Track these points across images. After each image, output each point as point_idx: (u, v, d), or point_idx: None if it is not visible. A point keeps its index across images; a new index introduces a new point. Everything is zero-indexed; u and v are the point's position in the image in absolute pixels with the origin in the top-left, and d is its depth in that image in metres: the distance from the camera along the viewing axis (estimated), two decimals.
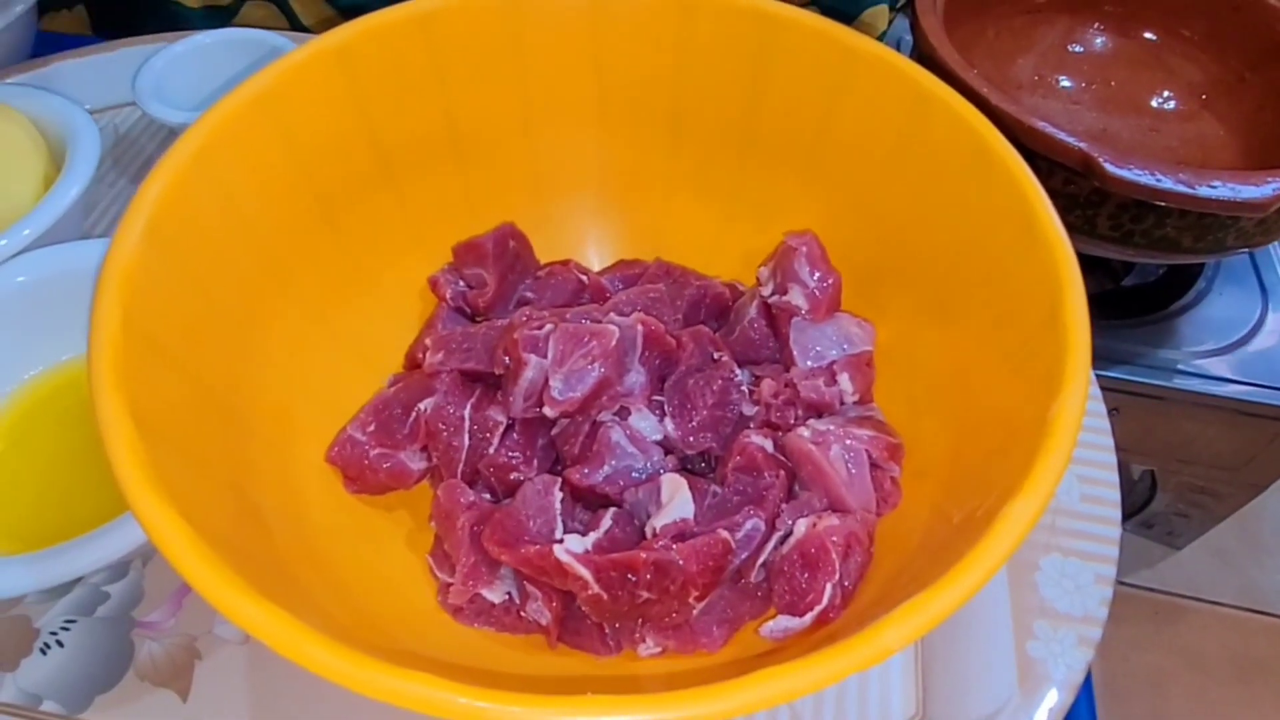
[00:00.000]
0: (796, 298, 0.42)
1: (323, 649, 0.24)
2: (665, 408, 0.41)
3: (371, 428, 0.40)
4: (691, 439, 0.40)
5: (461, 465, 0.40)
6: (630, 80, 0.45)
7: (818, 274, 0.42)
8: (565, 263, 0.48)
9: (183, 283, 0.34)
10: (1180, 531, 1.06)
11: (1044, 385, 0.32)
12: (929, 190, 0.41)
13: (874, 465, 0.39)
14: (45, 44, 0.68)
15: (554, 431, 0.41)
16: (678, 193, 0.49)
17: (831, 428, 0.39)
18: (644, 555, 0.33)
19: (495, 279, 0.45)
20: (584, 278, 0.47)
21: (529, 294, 0.46)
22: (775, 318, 0.44)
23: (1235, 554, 1.32)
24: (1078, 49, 0.80)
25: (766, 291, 0.44)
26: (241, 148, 0.37)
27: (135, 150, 0.60)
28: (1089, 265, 0.78)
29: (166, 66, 0.57)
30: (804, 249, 0.43)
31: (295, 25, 0.78)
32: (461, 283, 0.46)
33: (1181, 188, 0.56)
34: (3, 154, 0.47)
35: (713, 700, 0.24)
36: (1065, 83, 0.80)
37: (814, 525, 0.36)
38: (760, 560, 0.36)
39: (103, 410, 0.28)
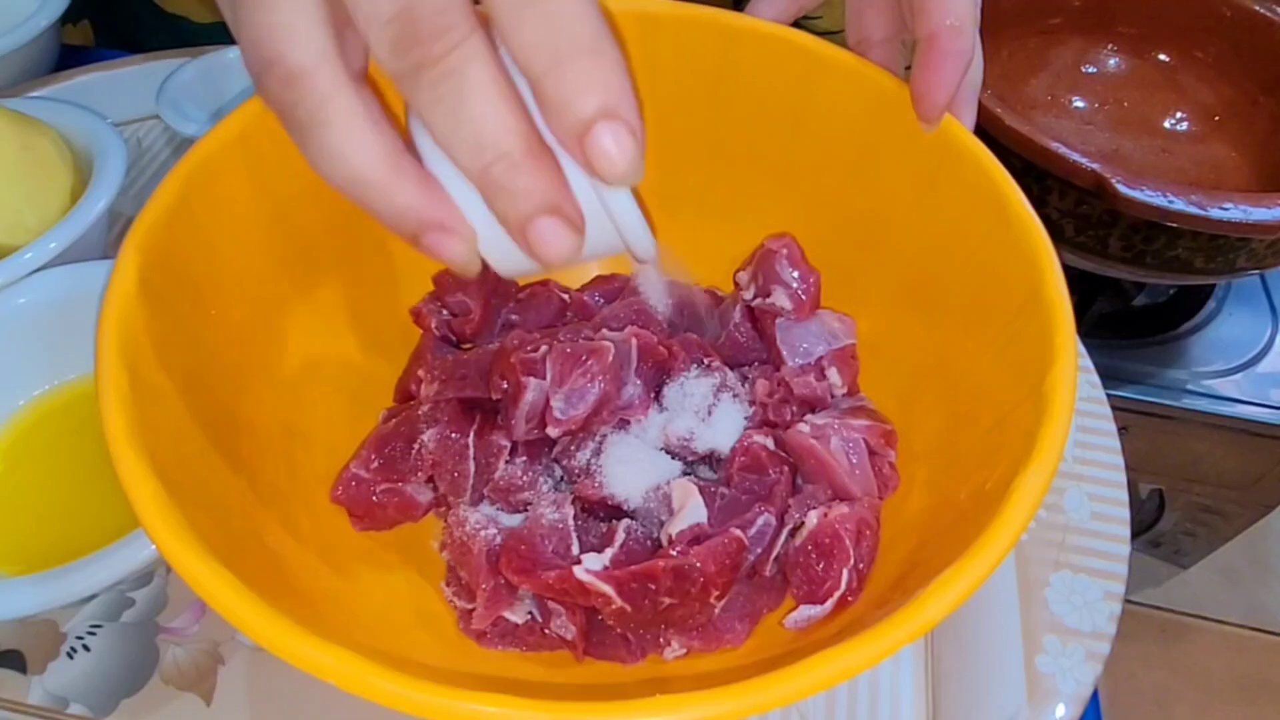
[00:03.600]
0: (781, 299, 0.43)
1: (395, 683, 0.24)
2: (664, 416, 0.41)
3: (375, 464, 0.40)
4: (693, 444, 0.41)
5: (469, 492, 0.40)
6: None
7: (799, 274, 0.43)
8: (544, 283, 0.48)
9: (179, 337, 0.34)
10: (1187, 550, 1.06)
11: (1034, 361, 0.33)
12: (899, 185, 0.42)
13: (872, 452, 0.40)
14: (68, 57, 0.69)
15: (556, 450, 0.41)
16: (649, 206, 0.49)
17: (829, 421, 0.40)
18: (662, 564, 0.34)
19: (480, 305, 0.45)
20: (565, 296, 0.47)
21: (513, 317, 0.47)
22: (759, 319, 0.45)
23: (1242, 573, 1.32)
24: (1091, 69, 0.81)
25: (748, 295, 0.45)
26: (221, 191, 0.37)
27: (158, 164, 0.61)
28: (1100, 285, 0.79)
29: (189, 81, 0.58)
30: (784, 251, 0.44)
31: None
32: (445, 311, 0.46)
33: (1193, 209, 0.56)
34: (33, 167, 0.48)
35: (787, 682, 0.25)
36: (1078, 103, 0.81)
37: (825, 515, 0.37)
38: (773, 554, 0.37)
39: (126, 471, 0.27)
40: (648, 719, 0.24)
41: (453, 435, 0.40)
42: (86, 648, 0.39)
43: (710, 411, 0.41)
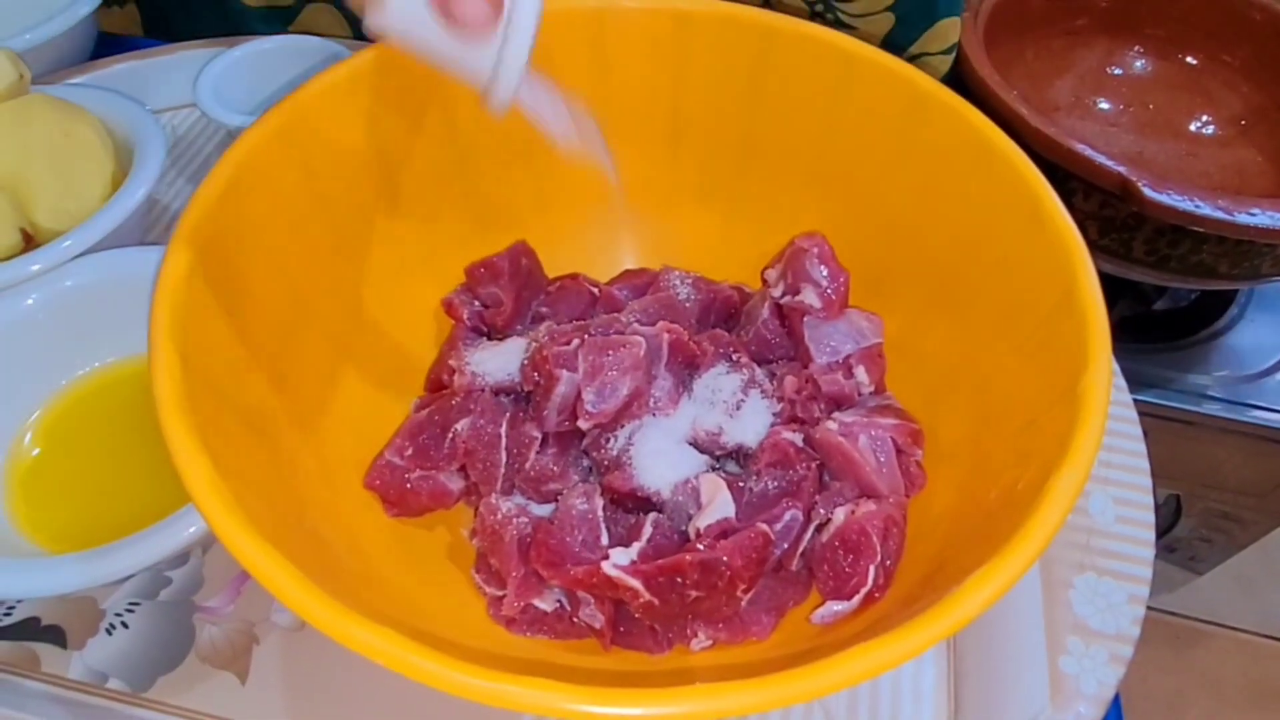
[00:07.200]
0: (810, 297, 0.44)
1: (444, 665, 0.25)
2: (692, 410, 0.42)
3: (409, 452, 0.40)
4: (721, 439, 0.41)
5: (501, 481, 0.40)
6: (630, 94, 0.46)
7: (828, 273, 0.44)
8: (574, 276, 0.48)
9: (226, 322, 0.35)
10: (1203, 556, 1.05)
11: (1066, 364, 0.33)
12: (931, 187, 0.42)
13: (899, 451, 0.40)
14: (104, 45, 0.70)
15: (586, 441, 0.41)
16: (680, 202, 0.49)
17: (857, 418, 0.41)
18: (689, 558, 0.34)
19: (511, 297, 0.45)
20: (595, 290, 0.47)
21: (543, 309, 0.47)
22: (787, 317, 0.45)
23: (1257, 580, 1.31)
24: (1117, 71, 0.81)
25: (777, 292, 0.45)
26: (266, 182, 0.37)
27: (193, 151, 0.61)
28: (1120, 289, 0.79)
29: (226, 70, 0.59)
30: (815, 250, 0.44)
31: (356, 30, 0.78)
32: (477, 302, 0.47)
33: (1220, 214, 0.56)
34: (75, 154, 0.49)
35: (821, 675, 0.25)
36: (1103, 105, 0.81)
37: (853, 512, 0.38)
38: (800, 550, 0.38)
39: (182, 456, 0.28)
40: (683, 706, 0.25)
41: (486, 425, 0.41)
42: (125, 625, 0.40)
43: (738, 407, 0.42)
